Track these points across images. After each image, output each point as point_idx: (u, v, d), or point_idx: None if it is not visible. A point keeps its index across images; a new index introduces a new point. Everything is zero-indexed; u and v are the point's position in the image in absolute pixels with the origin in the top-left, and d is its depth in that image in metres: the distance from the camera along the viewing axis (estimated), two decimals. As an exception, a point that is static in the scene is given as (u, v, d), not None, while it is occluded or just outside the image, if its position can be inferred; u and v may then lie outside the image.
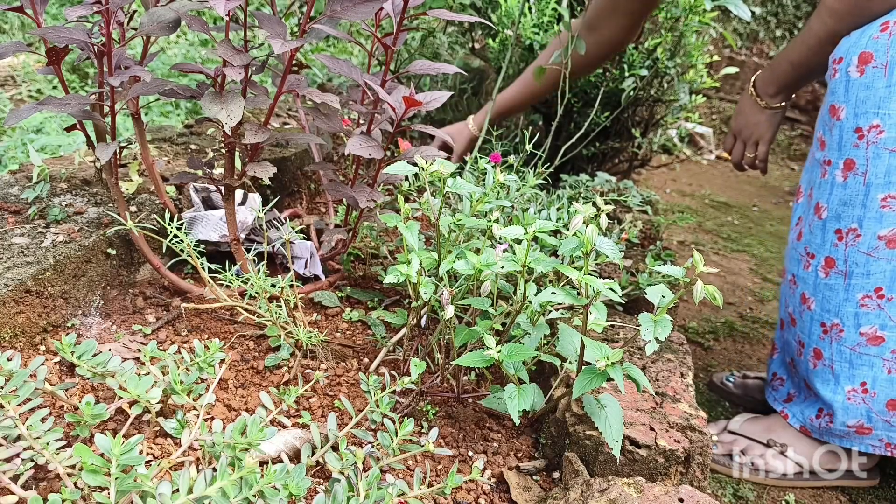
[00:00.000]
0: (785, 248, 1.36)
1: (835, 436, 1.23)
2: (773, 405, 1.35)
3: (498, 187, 1.27)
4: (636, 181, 2.36)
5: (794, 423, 1.29)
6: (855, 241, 1.15)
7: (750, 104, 1.43)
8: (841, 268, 1.17)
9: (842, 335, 1.19)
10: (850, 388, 1.19)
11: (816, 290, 1.22)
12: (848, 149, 1.14)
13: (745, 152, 1.47)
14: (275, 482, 0.66)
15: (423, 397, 1.02)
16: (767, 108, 1.40)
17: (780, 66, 1.35)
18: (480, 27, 2.33)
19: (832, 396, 1.21)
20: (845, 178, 1.15)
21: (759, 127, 1.43)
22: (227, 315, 1.17)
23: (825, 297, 1.20)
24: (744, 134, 1.46)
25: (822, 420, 1.24)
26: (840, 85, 1.14)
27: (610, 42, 1.69)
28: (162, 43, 3.20)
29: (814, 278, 1.22)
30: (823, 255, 1.20)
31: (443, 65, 1.10)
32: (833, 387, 1.21)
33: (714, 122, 4.89)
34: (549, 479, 0.91)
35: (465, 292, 1.07)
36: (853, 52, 1.11)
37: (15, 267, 1.02)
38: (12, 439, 0.73)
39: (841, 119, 1.14)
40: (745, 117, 1.45)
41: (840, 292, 1.18)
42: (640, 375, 0.84)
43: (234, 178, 1.12)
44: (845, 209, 1.15)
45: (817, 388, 1.23)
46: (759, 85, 1.40)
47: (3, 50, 0.98)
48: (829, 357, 1.21)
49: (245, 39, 1.03)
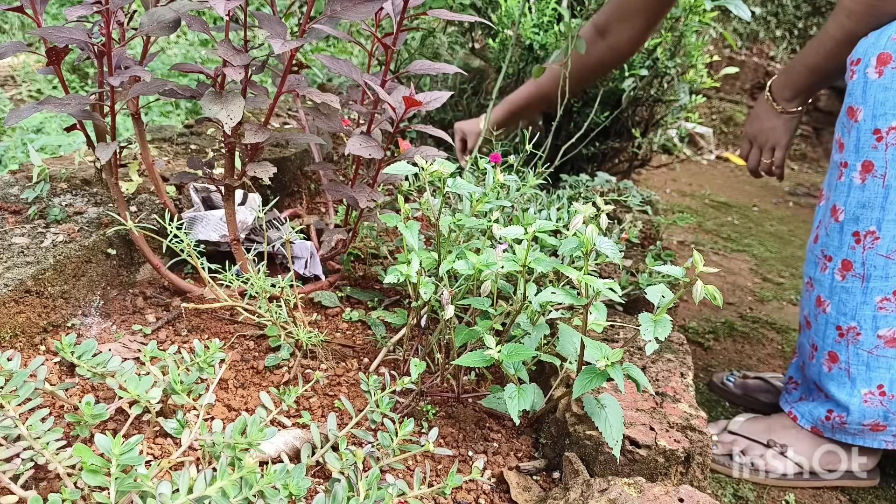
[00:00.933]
0: (785, 249, 1.36)
1: (848, 434, 1.23)
2: (783, 406, 1.35)
3: (498, 187, 1.27)
4: (636, 181, 2.36)
5: (805, 424, 1.29)
6: (873, 243, 1.14)
7: (766, 109, 1.42)
8: (859, 271, 1.16)
9: (859, 338, 1.18)
10: (866, 390, 1.18)
11: (833, 293, 1.21)
12: (866, 151, 1.12)
13: (761, 158, 1.46)
14: (275, 482, 0.66)
15: (423, 397, 1.02)
16: (784, 112, 1.39)
17: (796, 70, 1.34)
18: (480, 27, 2.33)
19: (848, 399, 1.20)
20: (863, 181, 1.13)
21: (776, 132, 1.41)
22: (227, 315, 1.17)
23: (842, 300, 1.19)
24: (759, 139, 1.45)
25: (833, 420, 1.24)
26: (858, 86, 1.13)
27: (623, 46, 1.67)
28: (162, 43, 3.20)
29: (830, 281, 1.21)
30: (840, 258, 1.19)
31: (443, 65, 1.09)
32: (849, 389, 1.20)
33: (714, 122, 4.89)
34: (549, 479, 0.91)
35: (465, 292, 1.07)
36: (871, 53, 1.10)
37: (15, 267, 1.02)
38: (12, 439, 0.73)
39: (859, 121, 1.13)
40: (760, 122, 1.43)
41: (857, 295, 1.17)
42: (640, 375, 0.84)
43: (234, 178, 1.12)
44: (864, 212, 1.14)
45: (831, 391, 1.23)
46: (775, 89, 1.39)
47: (3, 50, 0.98)
48: (846, 360, 1.20)
49: (245, 39, 1.03)
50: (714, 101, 4.92)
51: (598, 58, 1.67)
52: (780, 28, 5.42)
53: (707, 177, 4.08)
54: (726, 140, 4.87)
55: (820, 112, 4.95)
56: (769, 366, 1.76)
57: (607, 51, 1.65)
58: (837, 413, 1.23)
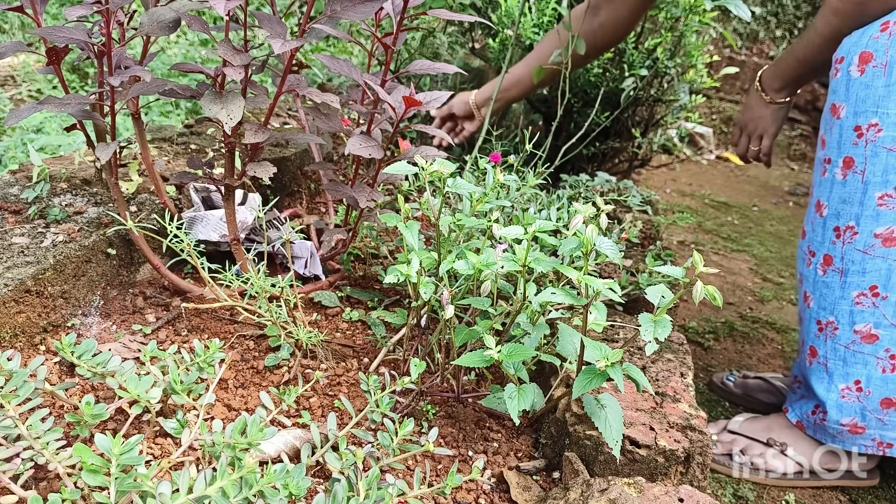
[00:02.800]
0: (785, 249, 1.36)
1: (828, 434, 1.24)
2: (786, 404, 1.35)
3: (498, 187, 1.27)
4: (636, 181, 2.36)
5: (792, 418, 1.30)
6: (852, 238, 1.15)
7: (756, 98, 1.46)
8: (838, 265, 1.17)
9: (836, 333, 1.19)
10: (843, 386, 1.19)
11: (815, 287, 1.22)
12: (847, 147, 1.14)
13: (749, 145, 1.51)
14: (275, 482, 0.66)
15: (423, 397, 1.02)
16: (772, 102, 1.43)
17: (785, 62, 1.37)
18: (480, 27, 2.33)
19: (826, 394, 1.21)
20: (844, 177, 1.15)
21: (764, 121, 1.46)
22: (227, 315, 1.17)
23: (822, 294, 1.21)
24: (749, 127, 1.50)
25: (816, 417, 1.24)
26: (841, 84, 1.15)
27: (612, 25, 1.64)
28: (162, 43, 3.20)
29: (813, 276, 1.23)
30: (823, 253, 1.20)
31: (443, 65, 1.10)
32: (827, 384, 1.21)
33: (714, 122, 4.89)
34: (549, 479, 0.91)
35: (465, 292, 1.07)
36: (854, 52, 1.12)
37: (15, 267, 1.02)
38: (12, 439, 0.73)
39: (841, 118, 1.15)
40: (751, 111, 1.48)
41: (836, 290, 1.18)
42: (640, 375, 0.84)
43: (234, 178, 1.12)
44: (844, 207, 1.16)
45: (813, 385, 1.23)
46: (765, 80, 1.43)
47: (3, 50, 0.98)
48: (824, 355, 1.21)
49: (245, 39, 1.03)
50: (714, 101, 4.92)
51: (591, 36, 1.63)
52: (780, 28, 5.42)
53: (707, 177, 4.08)
54: (726, 140, 4.87)
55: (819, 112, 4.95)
56: (769, 366, 1.76)
57: (599, 29, 1.63)
58: (821, 409, 1.23)
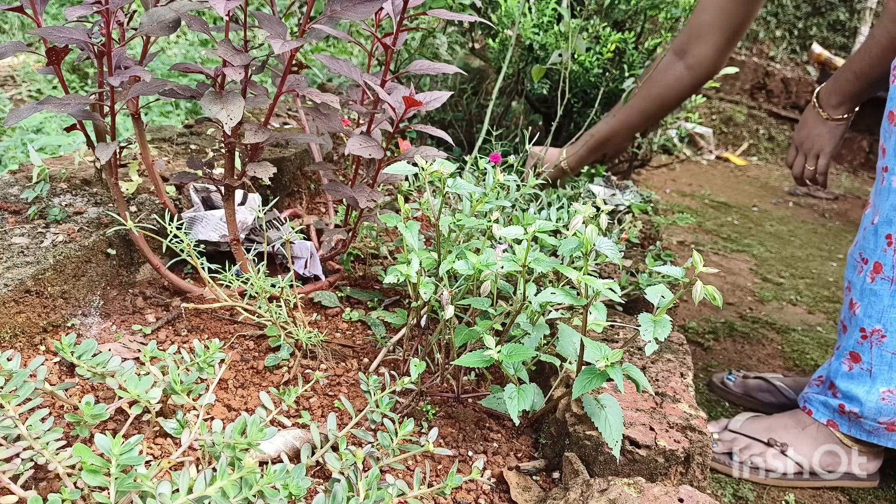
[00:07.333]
0: (785, 249, 1.36)
1: (864, 430, 1.24)
2: (800, 402, 1.35)
3: (498, 187, 1.27)
4: (636, 181, 2.36)
5: (821, 418, 1.29)
6: None
7: (812, 116, 1.43)
8: (888, 273, 1.16)
9: (884, 340, 1.18)
10: (885, 388, 1.19)
11: (863, 294, 1.21)
12: None
13: (805, 165, 1.47)
14: (275, 482, 0.66)
15: (423, 397, 1.02)
16: (829, 119, 1.40)
17: (842, 77, 1.35)
18: (480, 27, 2.33)
19: (866, 396, 1.20)
20: None
21: (821, 139, 1.42)
22: (227, 315, 1.17)
23: (870, 302, 1.19)
24: (805, 146, 1.46)
25: (848, 414, 1.24)
26: None
27: (700, 65, 1.62)
28: (162, 43, 3.20)
29: (861, 283, 1.21)
30: (874, 261, 1.19)
31: (443, 65, 1.10)
32: (868, 387, 1.21)
33: (714, 122, 4.89)
34: (549, 479, 0.91)
35: (465, 292, 1.07)
36: None
37: (15, 267, 1.02)
38: (12, 439, 0.73)
39: None
40: (807, 129, 1.44)
41: (885, 298, 1.17)
42: (640, 375, 0.84)
43: (234, 178, 1.12)
44: None
45: (851, 388, 1.23)
46: (822, 96, 1.40)
47: (3, 50, 0.98)
48: (868, 361, 1.20)
49: (245, 39, 1.03)
50: (714, 101, 4.92)
51: (676, 80, 1.64)
52: (780, 28, 5.42)
53: (707, 177, 4.08)
54: (726, 140, 4.87)
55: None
56: (769, 366, 1.76)
57: (685, 71, 1.62)
58: (850, 407, 1.23)
